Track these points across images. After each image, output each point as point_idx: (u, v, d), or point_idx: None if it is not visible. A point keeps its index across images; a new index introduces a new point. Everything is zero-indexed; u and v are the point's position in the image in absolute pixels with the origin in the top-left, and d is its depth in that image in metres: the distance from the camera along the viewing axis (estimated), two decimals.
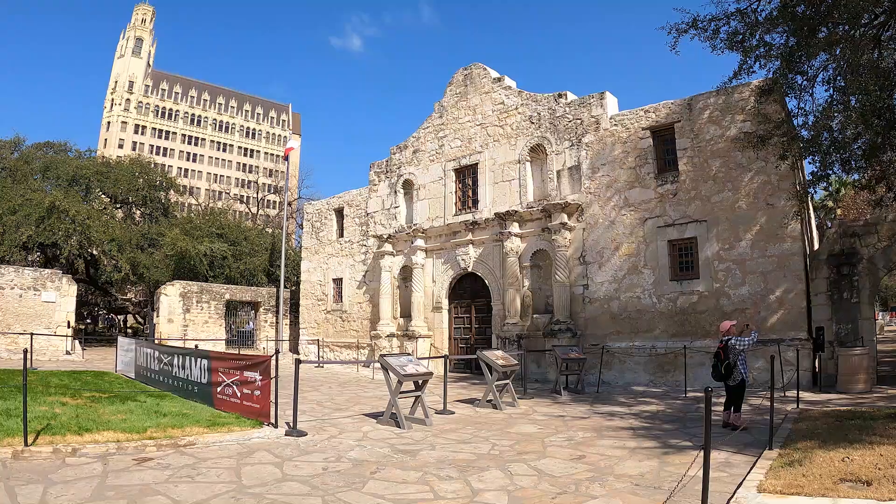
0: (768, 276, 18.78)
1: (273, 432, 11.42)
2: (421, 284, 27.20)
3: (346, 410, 15.09)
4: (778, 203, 18.79)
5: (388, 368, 13.22)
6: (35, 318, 28.95)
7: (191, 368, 15.27)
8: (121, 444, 9.71)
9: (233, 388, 13.13)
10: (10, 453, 8.91)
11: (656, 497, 7.53)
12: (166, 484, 7.95)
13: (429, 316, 27.12)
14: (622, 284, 21.35)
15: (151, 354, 18.58)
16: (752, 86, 19.04)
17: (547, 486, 8.16)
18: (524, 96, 25.07)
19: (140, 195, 45.91)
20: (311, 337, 33.57)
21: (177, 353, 16.74)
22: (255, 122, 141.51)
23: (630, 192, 21.61)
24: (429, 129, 28.51)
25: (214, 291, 36.51)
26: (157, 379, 17.59)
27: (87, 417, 11.54)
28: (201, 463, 9.16)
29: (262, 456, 9.84)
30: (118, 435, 10.20)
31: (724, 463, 9.19)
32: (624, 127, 22.05)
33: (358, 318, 31.09)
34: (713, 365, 12.48)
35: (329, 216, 34.01)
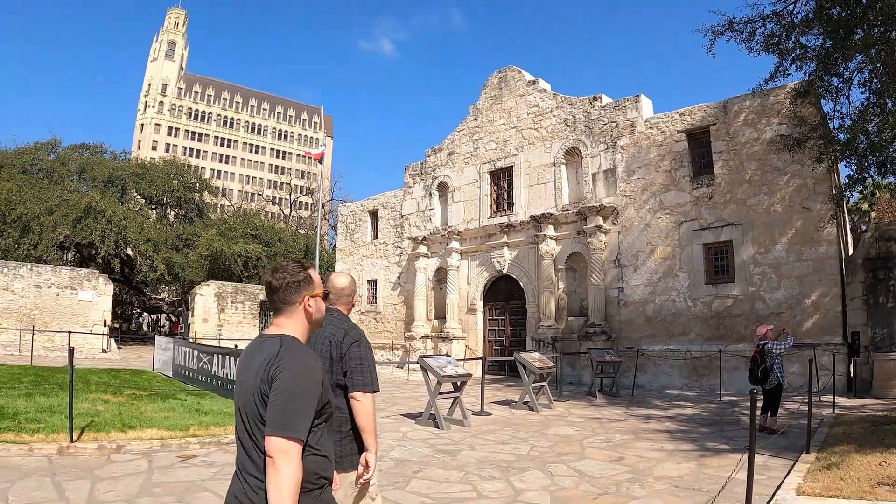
0: (804, 280, 18.67)
1: None
2: (456, 286, 27.34)
3: (383, 411, 15.19)
4: (814, 206, 18.66)
5: (428, 370, 13.34)
6: (72, 317, 29.46)
7: (231, 367, 15.43)
8: (164, 442, 9.91)
9: None
10: (56, 449, 9.09)
11: (697, 499, 7.61)
12: (212, 481, 8.09)
13: (463, 318, 27.27)
14: (657, 287, 21.37)
15: (190, 353, 18.82)
16: (787, 88, 18.92)
17: (588, 486, 8.26)
18: (559, 99, 25.16)
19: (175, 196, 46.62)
20: None
21: (216, 353, 16.95)
22: (287, 124, 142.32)
23: (665, 195, 21.62)
24: (463, 132, 28.68)
25: (249, 292, 36.95)
26: (196, 377, 17.85)
27: (130, 415, 11.77)
28: None
29: None
30: (161, 432, 10.40)
31: (762, 466, 9.19)
32: (659, 130, 22.07)
33: (392, 320, 31.31)
34: (750, 369, 12.58)
35: (363, 218, 34.27)
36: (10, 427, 9.96)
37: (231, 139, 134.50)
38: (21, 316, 28.26)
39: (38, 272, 29.45)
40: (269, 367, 2.71)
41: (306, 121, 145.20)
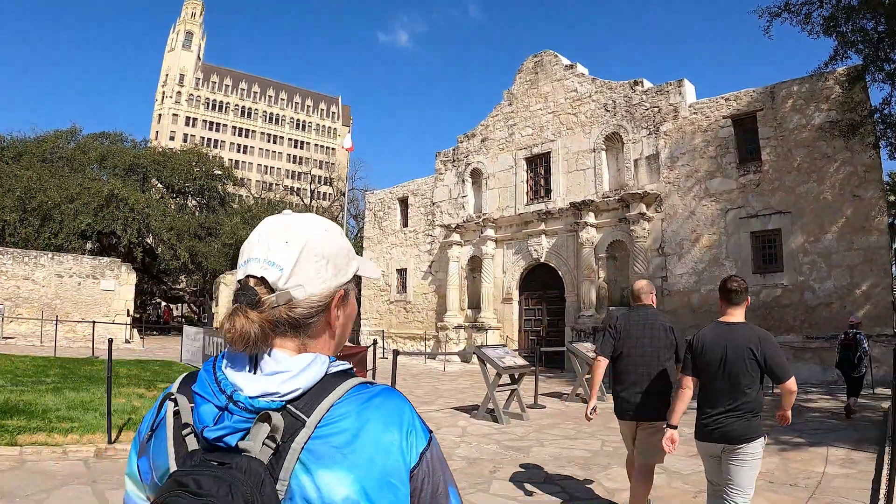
0: (854, 270, 18.26)
1: None
2: (490, 275, 26.99)
3: (431, 404, 14.85)
4: (864, 195, 18.28)
5: (487, 361, 12.90)
6: (93, 307, 29.23)
7: None
8: None
9: None
10: (94, 452, 8.44)
11: (797, 495, 7.30)
12: None
13: (498, 307, 26.92)
14: (702, 277, 20.96)
15: (222, 343, 18.25)
16: (836, 73, 18.55)
17: (680, 484, 7.94)
18: (598, 84, 24.73)
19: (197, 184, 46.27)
20: (373, 328, 33.51)
21: None
22: (305, 114, 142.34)
23: (710, 182, 21.21)
24: (497, 118, 28.28)
25: None
26: None
27: None
28: None
29: None
30: None
31: (847, 460, 8.99)
32: (703, 115, 21.63)
33: (423, 309, 30.99)
34: (842, 356, 13.14)
35: (392, 206, 33.93)
36: (41, 427, 9.22)
37: (249, 129, 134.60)
38: (42, 306, 28.05)
39: (59, 261, 29.22)
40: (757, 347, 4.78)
41: (324, 111, 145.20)
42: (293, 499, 1.18)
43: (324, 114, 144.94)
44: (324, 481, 1.18)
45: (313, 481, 1.18)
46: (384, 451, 1.23)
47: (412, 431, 1.30)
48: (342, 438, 1.21)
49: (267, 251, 1.33)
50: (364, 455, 1.21)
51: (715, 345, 4.94)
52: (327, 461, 1.20)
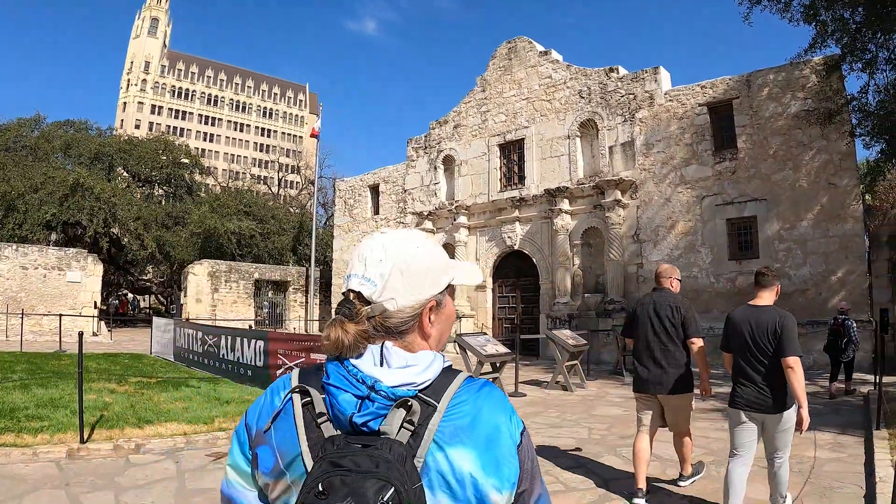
0: (830, 257, 18.36)
1: None
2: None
3: None
4: (840, 183, 18.39)
5: (468, 349, 12.69)
6: (59, 299, 28.58)
7: (242, 350, 14.57)
8: (189, 438, 8.86)
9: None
10: (66, 452, 7.94)
11: (792, 479, 6.99)
12: None
13: (471, 295, 26.70)
14: (678, 263, 20.50)
15: (194, 335, 17.71)
16: (812, 63, 18.64)
17: (677, 472, 7.65)
18: (573, 70, 24.53)
19: (164, 173, 45.56)
20: None
21: (224, 334, 15.98)
22: (272, 102, 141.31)
23: (686, 169, 21.17)
24: (470, 104, 28.01)
25: (243, 270, 36.16)
26: (202, 361, 16.85)
27: (143, 407, 10.67)
28: None
29: None
30: (183, 426, 9.37)
31: (836, 444, 8.97)
32: (679, 103, 21.57)
33: None
34: (831, 341, 13.67)
35: (363, 193, 33.57)
36: (9, 427, 8.73)
37: (215, 117, 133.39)
38: (7, 299, 27.29)
39: (23, 252, 28.44)
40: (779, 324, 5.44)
41: (291, 98, 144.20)
42: (429, 472, 1.35)
43: (291, 102, 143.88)
44: (454, 457, 1.36)
45: (446, 457, 1.36)
46: (496, 432, 1.42)
47: (514, 416, 1.49)
48: (465, 421, 1.40)
49: (364, 268, 1.49)
50: (482, 435, 1.40)
51: (743, 323, 5.68)
52: (455, 440, 1.38)
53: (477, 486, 1.37)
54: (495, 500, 1.39)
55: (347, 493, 1.24)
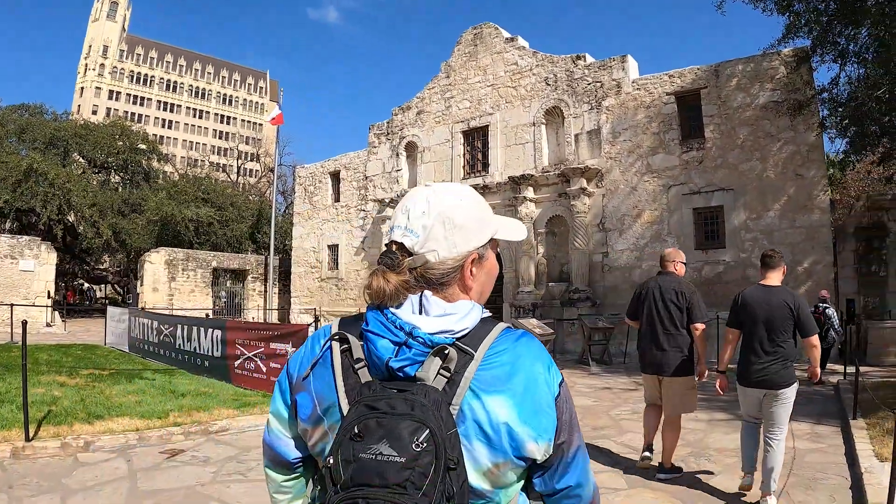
0: (796, 248, 18.34)
1: None
2: None
3: None
4: (807, 174, 18.48)
5: None
6: (12, 289, 27.67)
7: (199, 340, 13.96)
8: (142, 434, 8.29)
9: (255, 363, 11.96)
10: (10, 451, 7.39)
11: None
12: (215, 485, 6.62)
13: None
14: (644, 252, 20.78)
15: (149, 325, 16.98)
16: (782, 54, 18.68)
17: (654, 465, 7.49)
18: (539, 57, 24.21)
19: (120, 159, 44.50)
20: (303, 306, 32.63)
21: (181, 324, 15.32)
22: (232, 88, 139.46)
23: (653, 158, 21.01)
24: (434, 90, 27.56)
25: (201, 259, 35.27)
26: (157, 352, 16.18)
27: (94, 401, 10.00)
28: (245, 454, 7.82)
29: None
30: (136, 422, 8.77)
31: (814, 435, 8.95)
32: (647, 91, 21.41)
33: (356, 286, 30.12)
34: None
35: (323, 180, 32.93)
36: None
37: (174, 104, 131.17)
38: None
39: None
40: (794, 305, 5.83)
41: (251, 85, 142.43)
42: (465, 420, 1.37)
43: (251, 89, 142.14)
44: (490, 405, 1.38)
45: (482, 405, 1.38)
46: (534, 381, 1.44)
47: (552, 366, 1.50)
48: (502, 370, 1.41)
49: (407, 220, 1.50)
50: (520, 384, 1.42)
51: (755, 302, 6.02)
52: (492, 388, 1.39)
53: (513, 434, 1.38)
54: (531, 450, 1.42)
55: (383, 435, 1.26)
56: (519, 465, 1.42)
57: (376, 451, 1.25)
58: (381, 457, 1.25)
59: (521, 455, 1.41)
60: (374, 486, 1.24)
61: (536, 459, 1.44)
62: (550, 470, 1.50)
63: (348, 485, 1.27)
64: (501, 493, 1.44)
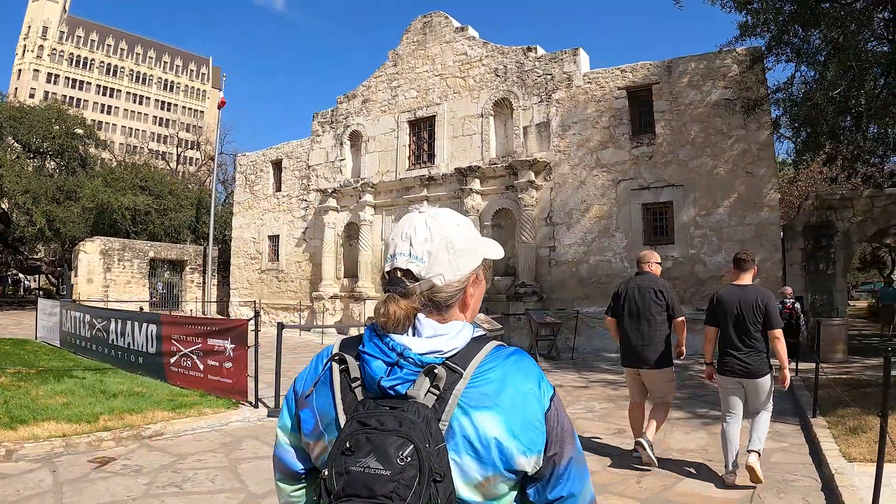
0: (745, 245, 18.21)
1: (253, 414, 9.63)
2: (369, 242, 25.78)
3: None
4: (757, 172, 18.55)
5: None
6: None
7: (133, 335, 13.12)
8: (69, 440, 7.57)
9: (192, 360, 11.27)
10: None
11: (744, 473, 6.67)
12: (148, 499, 5.97)
13: (376, 276, 25.57)
14: (592, 247, 20.59)
15: (81, 318, 16.06)
16: (735, 53, 18.75)
17: (615, 467, 7.23)
18: (489, 48, 23.80)
19: (56, 144, 42.97)
20: (243, 298, 31.80)
21: (114, 318, 14.36)
22: (174, 74, 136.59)
23: (603, 152, 20.77)
24: (381, 79, 26.93)
25: (138, 249, 34.20)
26: (90, 347, 15.28)
27: (18, 403, 9.20)
28: (181, 462, 7.24)
29: (253, 447, 8.02)
30: (63, 426, 8.02)
31: (775, 433, 8.65)
32: (598, 85, 21.17)
33: (296, 279, 29.48)
34: (787, 323, 13.50)
35: (265, 169, 32.08)
36: None
37: (114, 88, 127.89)
38: None
39: None
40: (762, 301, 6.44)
41: (194, 71, 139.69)
42: (454, 436, 1.42)
43: (193, 75, 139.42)
44: (479, 421, 1.42)
45: (471, 421, 1.42)
46: (524, 398, 1.49)
47: (543, 382, 1.55)
48: (492, 388, 1.46)
49: (410, 246, 1.54)
50: (509, 401, 1.46)
51: (730, 301, 6.63)
52: (481, 405, 1.44)
53: (502, 448, 1.42)
54: (521, 463, 1.45)
55: (371, 450, 1.32)
56: (510, 477, 1.46)
57: (365, 465, 1.31)
58: (368, 470, 1.31)
59: (511, 468, 1.45)
60: (363, 497, 1.30)
61: (527, 472, 1.49)
62: (542, 481, 1.54)
63: (340, 496, 1.32)
64: None
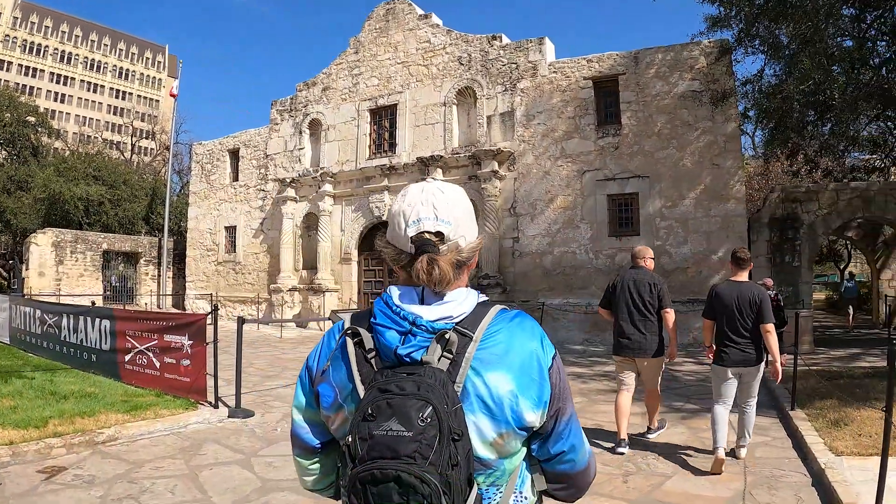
0: (711, 237, 18.45)
1: (213, 415, 9.14)
2: (328, 233, 25.20)
3: (277, 378, 13.03)
4: (724, 164, 18.53)
5: None
6: None
7: (87, 331, 12.42)
8: (16, 448, 6.96)
9: (148, 357, 10.62)
10: None
11: (731, 470, 6.81)
12: None
13: (336, 268, 25.18)
14: (556, 239, 20.32)
15: (31, 314, 15.38)
16: (703, 45, 18.75)
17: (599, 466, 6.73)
18: (453, 36, 23.35)
19: (7, 132, 41.85)
20: (199, 291, 31.00)
21: (66, 313, 13.66)
22: (130, 62, 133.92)
23: (568, 142, 20.49)
24: (342, 66, 26.32)
25: (91, 241, 33.13)
26: (40, 344, 14.60)
27: None
28: (137, 470, 6.64)
29: (214, 451, 7.47)
30: (10, 432, 7.38)
31: (756, 427, 8.26)
32: (564, 75, 20.88)
33: (254, 271, 28.79)
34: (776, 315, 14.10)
35: (222, 158, 31.24)
36: None
37: (68, 76, 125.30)
38: None
39: None
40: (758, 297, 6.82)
41: (150, 59, 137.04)
42: (469, 397, 1.53)
43: (149, 63, 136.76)
44: (491, 381, 1.54)
45: (483, 382, 1.54)
46: (529, 356, 1.61)
47: (545, 340, 1.68)
48: (500, 349, 1.58)
49: (435, 211, 1.63)
50: (517, 360, 1.58)
51: (728, 295, 7.00)
52: (491, 365, 1.55)
53: (513, 406, 1.55)
54: (530, 419, 1.58)
55: (392, 414, 1.41)
56: (521, 434, 1.59)
57: (388, 428, 1.39)
58: (391, 432, 1.39)
59: (521, 424, 1.57)
60: (387, 458, 1.37)
61: (535, 427, 1.61)
62: (545, 436, 1.66)
63: (365, 459, 1.40)
64: (506, 462, 1.60)
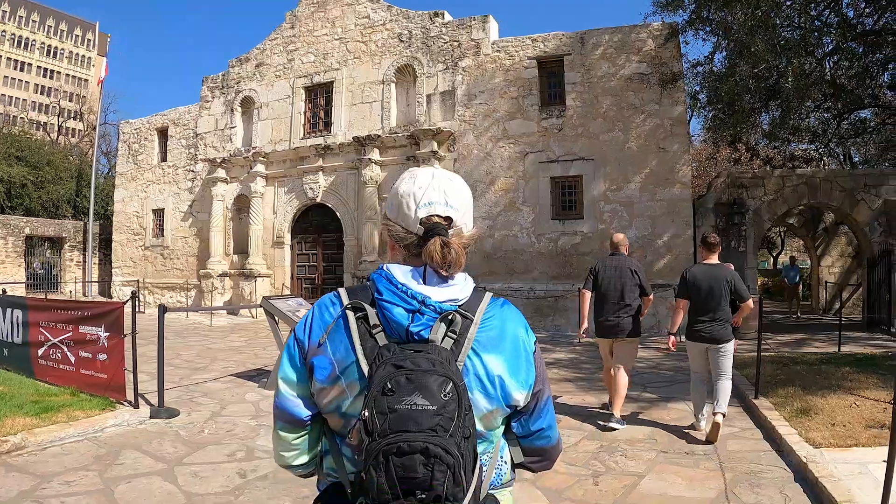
0: (656, 221, 18.24)
1: (133, 416, 8.16)
2: (260, 216, 24.14)
3: (206, 371, 12.09)
4: (670, 148, 18.37)
5: (278, 316, 10.41)
6: None
7: None
8: None
9: (62, 351, 9.45)
10: None
11: (706, 465, 6.38)
12: None
13: (268, 252, 24.17)
14: (497, 222, 19.78)
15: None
16: (651, 28, 18.60)
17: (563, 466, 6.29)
18: (394, 12, 22.52)
19: None
20: (126, 277, 29.52)
21: None
22: (58, 39, 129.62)
23: (510, 123, 19.95)
24: (277, 41, 25.23)
25: (13, 225, 31.43)
26: None
27: None
28: (45, 486, 5.72)
29: (133, 460, 6.54)
30: None
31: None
32: (507, 54, 20.32)
33: (183, 255, 27.50)
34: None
35: (150, 137, 29.76)
36: None
37: None
38: None
39: None
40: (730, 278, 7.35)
41: (79, 37, 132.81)
42: (468, 374, 1.63)
43: (79, 41, 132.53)
44: (487, 362, 1.66)
45: (481, 362, 1.66)
46: (518, 341, 1.74)
47: (528, 328, 1.81)
48: (494, 332, 1.70)
49: (445, 196, 1.74)
50: (508, 344, 1.71)
51: (702, 278, 7.44)
52: (487, 348, 1.67)
53: (504, 385, 1.68)
54: (517, 398, 1.73)
55: (415, 388, 1.47)
56: (506, 410, 1.73)
57: (411, 402, 1.45)
58: (415, 406, 1.45)
59: (509, 403, 1.71)
60: (412, 432, 1.43)
61: (519, 405, 1.75)
62: (527, 415, 1.81)
63: (387, 433, 1.43)
64: (493, 434, 1.74)
